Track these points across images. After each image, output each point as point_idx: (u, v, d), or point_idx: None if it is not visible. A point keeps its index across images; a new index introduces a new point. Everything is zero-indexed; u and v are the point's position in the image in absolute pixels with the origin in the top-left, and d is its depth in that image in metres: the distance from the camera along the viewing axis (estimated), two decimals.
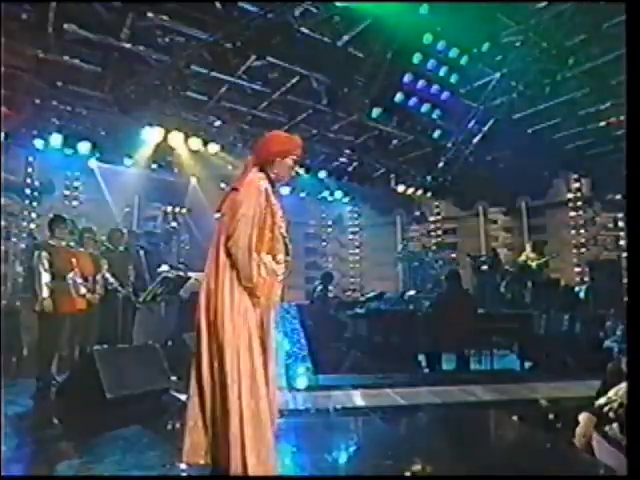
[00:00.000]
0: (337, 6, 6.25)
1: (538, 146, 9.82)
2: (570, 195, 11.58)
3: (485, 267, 11.19)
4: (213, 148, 8.97)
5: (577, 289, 9.91)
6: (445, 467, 3.34)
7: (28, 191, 9.29)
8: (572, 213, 11.51)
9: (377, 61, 7.17)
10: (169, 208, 11.44)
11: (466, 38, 7.04)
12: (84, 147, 8.26)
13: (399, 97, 7.50)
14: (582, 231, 11.35)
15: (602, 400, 2.94)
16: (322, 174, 10.75)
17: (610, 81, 7.65)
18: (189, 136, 8.63)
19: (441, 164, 10.44)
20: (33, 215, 9.29)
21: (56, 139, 8.02)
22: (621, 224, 10.58)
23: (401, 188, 11.61)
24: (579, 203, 11.45)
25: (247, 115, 8.96)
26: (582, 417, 2.98)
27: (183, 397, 4.92)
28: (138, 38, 6.55)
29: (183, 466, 3.13)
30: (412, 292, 10.62)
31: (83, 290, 5.58)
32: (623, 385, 2.84)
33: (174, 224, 11.38)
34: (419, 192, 11.64)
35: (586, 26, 6.77)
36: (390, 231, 14.02)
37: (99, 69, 7.10)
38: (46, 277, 5.27)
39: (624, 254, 10.00)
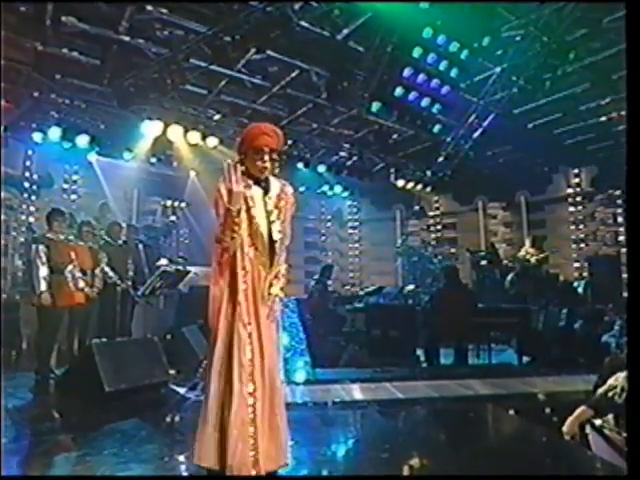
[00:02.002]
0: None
1: (538, 141, 9.82)
2: (570, 190, 11.57)
3: (484, 262, 11.18)
4: (212, 142, 8.95)
5: (576, 284, 9.91)
6: (442, 461, 3.35)
7: (27, 185, 9.24)
8: (571, 208, 11.51)
9: (377, 55, 7.14)
10: (168, 202, 11.43)
11: (466, 32, 7.03)
12: (83, 140, 8.23)
13: (399, 91, 7.50)
14: (581, 226, 11.34)
15: (602, 389, 2.97)
16: (321, 168, 10.75)
17: (611, 76, 7.63)
18: (188, 130, 8.62)
19: (441, 159, 10.42)
20: (32, 209, 9.24)
21: (55, 132, 7.98)
22: (620, 220, 10.58)
23: (401, 183, 11.60)
24: (578, 198, 11.45)
25: (246, 109, 8.94)
26: (578, 409, 3.01)
27: (182, 390, 4.97)
28: (137, 31, 6.54)
29: (181, 458, 3.15)
30: (411, 287, 10.60)
31: (82, 284, 5.57)
32: (621, 373, 2.87)
33: (173, 218, 11.39)
34: (419, 187, 11.65)
35: (587, 20, 6.75)
36: (389, 226, 14.00)
37: (98, 62, 7.08)
38: (44, 271, 5.25)
39: (623, 250, 10.00)
